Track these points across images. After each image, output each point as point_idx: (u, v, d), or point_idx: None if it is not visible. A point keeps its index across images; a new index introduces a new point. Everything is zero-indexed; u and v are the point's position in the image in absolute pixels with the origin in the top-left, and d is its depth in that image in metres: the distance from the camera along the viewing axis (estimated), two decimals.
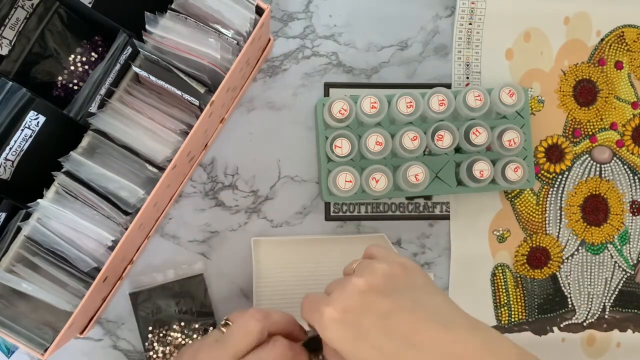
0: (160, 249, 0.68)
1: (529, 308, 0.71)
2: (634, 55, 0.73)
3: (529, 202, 0.71)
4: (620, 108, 0.73)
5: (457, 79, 0.71)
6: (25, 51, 0.57)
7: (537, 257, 0.71)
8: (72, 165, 0.56)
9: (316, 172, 0.70)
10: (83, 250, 0.56)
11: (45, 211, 0.55)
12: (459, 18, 0.71)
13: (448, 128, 0.64)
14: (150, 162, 0.58)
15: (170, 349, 0.65)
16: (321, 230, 0.70)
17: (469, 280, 0.70)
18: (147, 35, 0.56)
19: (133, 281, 0.67)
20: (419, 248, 0.70)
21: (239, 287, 0.68)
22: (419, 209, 0.71)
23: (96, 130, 0.57)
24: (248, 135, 0.70)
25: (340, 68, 0.71)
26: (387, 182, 0.62)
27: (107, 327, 0.67)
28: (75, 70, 0.59)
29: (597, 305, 0.72)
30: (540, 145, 0.72)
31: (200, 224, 0.68)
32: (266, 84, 0.70)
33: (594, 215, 0.72)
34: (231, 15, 0.56)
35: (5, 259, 0.55)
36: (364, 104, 0.63)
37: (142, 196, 0.56)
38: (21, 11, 0.57)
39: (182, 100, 0.58)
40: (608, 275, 0.72)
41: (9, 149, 0.54)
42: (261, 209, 0.69)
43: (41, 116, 0.54)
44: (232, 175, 0.69)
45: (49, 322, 0.57)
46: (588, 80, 0.72)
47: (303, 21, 0.70)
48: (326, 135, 0.65)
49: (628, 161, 0.72)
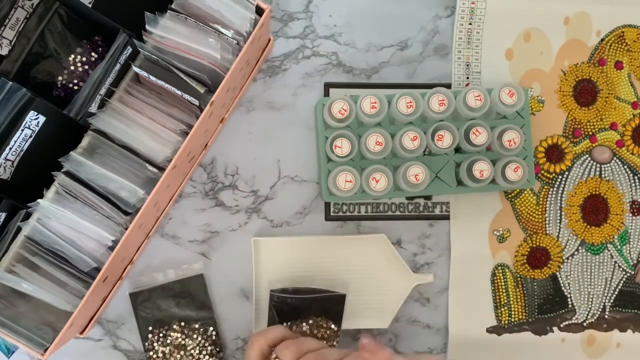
0: (160, 249, 0.68)
1: (529, 308, 0.71)
2: (634, 55, 0.73)
3: (529, 202, 0.71)
4: (620, 108, 0.73)
5: (457, 79, 0.71)
6: (25, 51, 0.57)
7: (537, 257, 0.71)
8: (72, 165, 0.56)
9: (316, 172, 0.70)
10: (83, 250, 0.56)
11: (45, 211, 0.55)
12: (458, 18, 0.71)
13: (448, 128, 0.64)
14: (150, 162, 0.58)
15: (170, 349, 0.65)
16: (321, 230, 0.70)
17: (469, 280, 0.70)
18: (147, 35, 0.56)
19: (133, 281, 0.67)
20: (419, 248, 0.70)
21: (239, 287, 0.68)
22: (419, 209, 0.71)
23: (96, 130, 0.57)
24: (248, 135, 0.70)
25: (340, 68, 0.71)
26: (387, 182, 0.62)
27: (107, 327, 0.67)
28: (75, 70, 0.59)
29: (597, 305, 0.72)
30: (541, 145, 0.72)
31: (200, 224, 0.68)
32: (266, 84, 0.70)
33: (594, 215, 0.72)
34: (231, 15, 0.56)
35: (5, 259, 0.55)
36: (364, 104, 0.63)
37: (142, 196, 0.56)
38: (21, 11, 0.57)
39: (182, 100, 0.58)
40: (608, 275, 0.72)
41: (9, 149, 0.54)
42: (261, 209, 0.69)
43: (41, 116, 0.54)
44: (232, 175, 0.69)
45: (49, 322, 0.57)
46: (588, 80, 0.72)
47: (303, 21, 0.70)
48: (326, 135, 0.65)
49: (628, 161, 0.72)
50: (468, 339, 0.69)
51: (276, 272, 0.68)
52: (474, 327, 0.70)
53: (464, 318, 0.70)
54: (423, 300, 0.70)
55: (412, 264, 0.70)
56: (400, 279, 0.69)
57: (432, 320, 0.70)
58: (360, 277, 0.69)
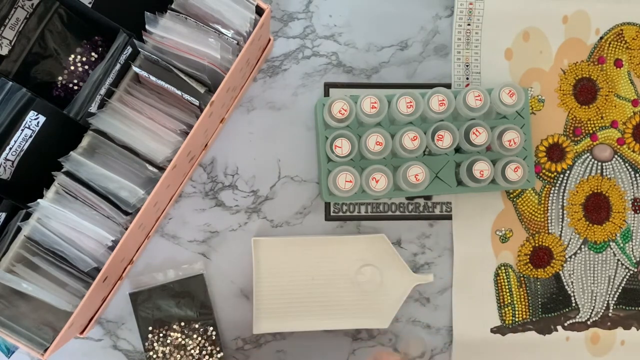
0: (160, 249, 0.68)
1: (532, 307, 0.70)
2: (633, 53, 0.73)
3: (530, 201, 0.71)
4: (621, 106, 0.72)
5: (457, 79, 0.71)
6: (25, 51, 0.58)
7: (540, 256, 0.71)
8: (72, 165, 0.56)
9: (316, 172, 0.70)
10: (83, 250, 0.56)
11: (45, 211, 0.55)
12: (457, 19, 0.71)
13: (448, 128, 0.64)
14: (150, 162, 0.58)
15: (170, 349, 0.65)
16: (321, 230, 0.69)
17: (472, 281, 0.70)
18: (147, 35, 0.56)
19: (133, 281, 0.67)
20: (419, 248, 0.70)
21: (239, 287, 0.68)
22: (419, 209, 0.70)
23: (96, 130, 0.57)
24: (248, 135, 0.70)
25: (340, 68, 0.71)
26: (387, 182, 0.62)
27: (107, 327, 0.67)
28: (75, 70, 0.60)
29: (600, 303, 0.71)
30: (541, 145, 0.72)
31: (200, 224, 0.68)
32: (266, 84, 0.70)
33: (596, 213, 0.71)
34: (231, 15, 0.57)
35: (5, 259, 0.55)
36: (364, 104, 0.63)
37: (142, 196, 0.56)
38: (21, 11, 0.57)
39: (182, 100, 0.58)
40: (611, 273, 0.71)
41: (9, 149, 0.54)
42: (261, 209, 0.69)
43: (41, 116, 0.54)
44: (232, 175, 0.69)
45: (49, 322, 0.57)
46: (588, 78, 0.72)
47: (303, 21, 0.71)
48: (326, 135, 0.65)
49: (629, 159, 0.72)
50: (472, 339, 0.69)
51: (276, 272, 0.68)
52: (477, 327, 0.69)
53: (467, 319, 0.69)
54: (423, 300, 0.70)
55: (412, 264, 0.70)
56: (400, 279, 0.69)
57: (432, 320, 0.70)
58: (360, 277, 0.69)
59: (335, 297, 0.68)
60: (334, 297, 0.68)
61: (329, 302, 0.68)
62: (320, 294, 0.68)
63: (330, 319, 0.68)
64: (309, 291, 0.68)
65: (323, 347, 0.68)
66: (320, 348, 0.68)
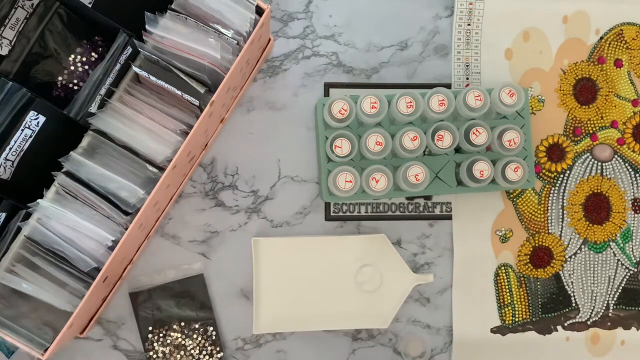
0: (160, 249, 0.68)
1: (532, 307, 0.70)
2: (633, 53, 0.73)
3: (530, 201, 0.71)
4: (621, 106, 0.72)
5: (457, 79, 0.71)
6: (25, 51, 0.58)
7: (540, 256, 0.71)
8: (72, 165, 0.56)
9: (316, 172, 0.70)
10: (83, 250, 0.56)
11: (45, 211, 0.55)
12: (457, 19, 0.71)
13: (448, 128, 0.64)
14: (150, 162, 0.58)
15: (170, 349, 0.65)
16: (321, 230, 0.69)
17: (472, 281, 0.70)
18: (147, 35, 0.56)
19: (133, 281, 0.67)
20: (419, 248, 0.70)
21: (239, 287, 0.68)
22: (419, 209, 0.70)
23: (96, 130, 0.57)
24: (248, 135, 0.70)
25: (340, 68, 0.71)
26: (387, 182, 0.62)
27: (107, 327, 0.67)
28: (75, 70, 0.60)
29: (600, 303, 0.71)
30: (541, 145, 0.72)
31: (200, 224, 0.68)
32: (266, 84, 0.70)
33: (596, 213, 0.72)
34: (231, 15, 0.57)
35: (5, 259, 0.55)
36: (364, 104, 0.63)
37: (142, 196, 0.56)
38: (21, 11, 0.57)
39: (182, 100, 0.58)
40: (611, 274, 0.71)
41: (9, 149, 0.54)
42: (261, 209, 0.69)
43: (41, 116, 0.54)
44: (232, 175, 0.69)
45: (49, 322, 0.57)
46: (588, 78, 0.72)
47: (303, 21, 0.71)
48: (326, 135, 0.65)
49: (629, 159, 0.72)
50: (472, 339, 0.69)
51: (276, 272, 0.68)
52: (478, 327, 0.69)
53: (467, 319, 0.69)
54: (423, 300, 0.70)
55: (412, 264, 0.70)
56: (400, 279, 0.69)
57: (432, 320, 0.70)
58: (360, 277, 0.69)
59: (336, 297, 0.68)
60: (334, 297, 0.68)
61: (329, 302, 0.68)
62: (320, 293, 0.68)
63: (330, 319, 0.68)
64: (309, 291, 0.68)
65: (323, 347, 0.68)
66: (320, 348, 0.68)
